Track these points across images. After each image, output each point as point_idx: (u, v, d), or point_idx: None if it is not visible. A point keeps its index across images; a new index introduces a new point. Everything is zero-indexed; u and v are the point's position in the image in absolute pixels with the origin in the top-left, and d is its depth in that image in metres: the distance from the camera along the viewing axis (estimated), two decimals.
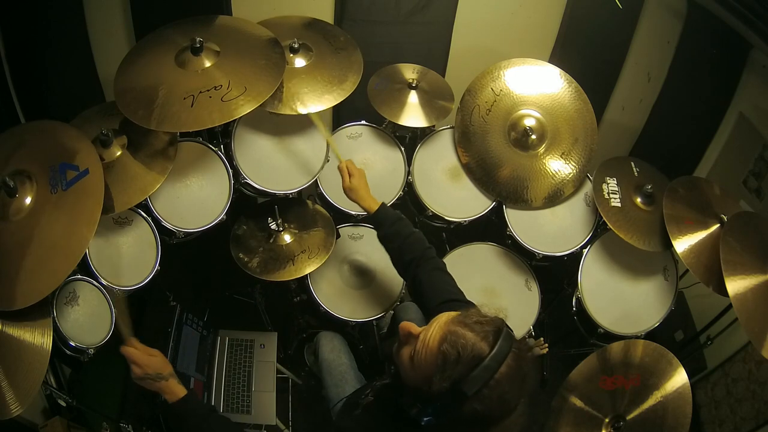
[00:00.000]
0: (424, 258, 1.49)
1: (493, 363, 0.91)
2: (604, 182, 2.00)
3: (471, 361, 0.91)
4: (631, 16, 2.29)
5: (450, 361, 0.92)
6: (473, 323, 0.96)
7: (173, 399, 1.32)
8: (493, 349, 0.92)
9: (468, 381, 0.90)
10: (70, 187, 1.46)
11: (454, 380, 0.91)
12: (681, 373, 1.67)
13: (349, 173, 1.68)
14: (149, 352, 1.34)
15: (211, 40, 1.75)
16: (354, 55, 2.00)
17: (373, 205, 1.64)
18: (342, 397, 1.69)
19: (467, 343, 0.93)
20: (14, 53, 1.98)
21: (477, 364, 0.91)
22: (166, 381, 1.32)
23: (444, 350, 0.93)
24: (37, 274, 1.38)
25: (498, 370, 0.91)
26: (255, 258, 1.94)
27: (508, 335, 0.95)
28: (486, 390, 0.90)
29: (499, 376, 0.91)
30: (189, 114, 1.61)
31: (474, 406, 0.91)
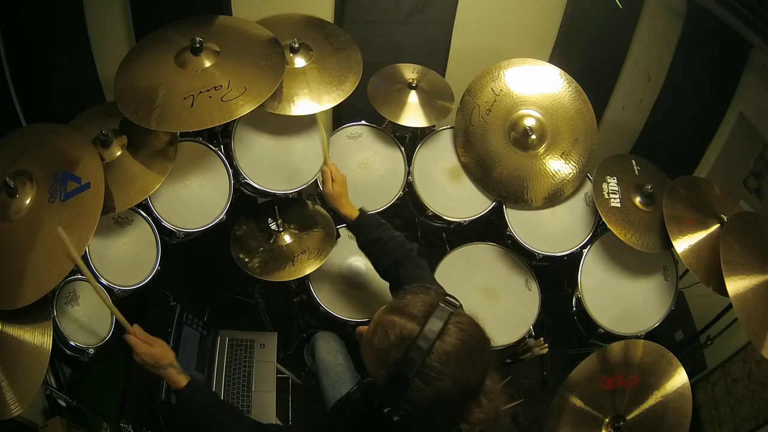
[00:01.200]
0: (406, 258, 1.50)
1: (424, 342, 0.89)
2: (605, 181, 2.00)
3: (401, 344, 0.91)
4: (631, 16, 2.29)
5: (383, 349, 0.93)
6: (403, 307, 0.95)
7: (175, 387, 1.35)
8: (423, 327, 0.90)
9: (404, 364, 0.89)
10: (68, 199, 1.46)
11: (393, 367, 0.91)
12: (681, 373, 1.67)
13: (333, 178, 1.66)
14: (149, 341, 1.37)
15: (211, 40, 1.75)
16: (354, 55, 2.00)
17: (354, 213, 1.63)
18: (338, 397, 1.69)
19: (395, 327, 0.92)
20: (14, 53, 1.98)
21: (409, 345, 0.90)
22: (164, 370, 1.35)
23: (376, 341, 0.94)
24: (29, 278, 1.38)
25: (433, 348, 0.89)
26: (255, 258, 1.94)
27: (442, 310, 0.93)
28: (426, 369, 0.89)
29: (437, 353, 0.89)
30: (189, 114, 1.61)
31: (422, 388, 0.89)
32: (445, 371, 0.89)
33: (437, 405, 0.92)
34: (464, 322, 0.95)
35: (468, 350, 0.92)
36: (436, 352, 0.89)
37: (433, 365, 0.89)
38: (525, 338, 2.08)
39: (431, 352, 0.89)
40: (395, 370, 0.90)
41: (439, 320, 0.91)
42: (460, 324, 0.93)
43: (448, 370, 0.89)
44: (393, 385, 0.91)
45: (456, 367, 0.90)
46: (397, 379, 0.90)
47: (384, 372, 0.93)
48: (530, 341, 2.09)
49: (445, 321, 0.92)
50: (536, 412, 2.39)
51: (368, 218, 1.62)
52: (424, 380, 0.89)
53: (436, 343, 0.89)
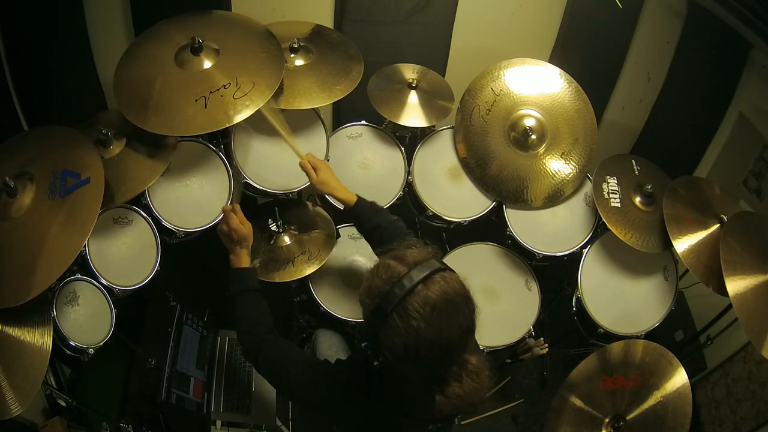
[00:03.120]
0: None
1: (408, 281, 0.96)
2: (605, 181, 2.00)
3: (388, 281, 0.98)
4: (631, 16, 2.29)
5: (373, 284, 1.01)
6: (401, 254, 1.04)
7: (235, 265, 1.50)
8: (410, 270, 0.98)
9: (386, 298, 0.97)
10: (68, 195, 1.47)
11: (377, 298, 0.99)
12: (681, 373, 1.67)
13: (314, 167, 1.64)
14: (242, 221, 1.51)
15: (208, 38, 1.75)
16: (351, 49, 2.02)
17: (350, 196, 1.63)
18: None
19: (389, 268, 1.01)
20: (14, 54, 1.98)
21: (394, 282, 0.97)
22: (240, 248, 1.49)
23: (371, 277, 1.03)
24: (26, 276, 1.38)
25: (415, 289, 0.95)
26: (256, 259, 1.94)
27: (432, 263, 1.00)
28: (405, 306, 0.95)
29: (418, 296, 0.95)
30: (206, 115, 1.62)
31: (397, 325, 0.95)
32: (421, 312, 0.95)
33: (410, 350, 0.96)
34: (452, 278, 1.01)
35: (448, 303, 0.97)
36: (418, 294, 0.95)
37: (412, 304, 0.95)
38: (525, 338, 2.08)
39: (412, 293, 0.95)
40: (378, 301, 0.98)
41: (427, 269, 0.98)
42: (447, 278, 0.99)
43: (425, 313, 0.95)
44: (374, 316, 0.99)
45: (432, 313, 0.95)
46: (378, 309, 0.98)
47: (369, 302, 1.01)
48: (530, 341, 2.09)
49: (432, 271, 0.99)
50: (536, 412, 2.39)
51: (365, 206, 1.63)
52: (400, 316, 0.95)
53: (418, 286, 0.96)
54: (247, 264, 1.50)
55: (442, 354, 0.98)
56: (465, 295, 1.01)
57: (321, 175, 1.63)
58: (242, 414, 1.96)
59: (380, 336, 0.98)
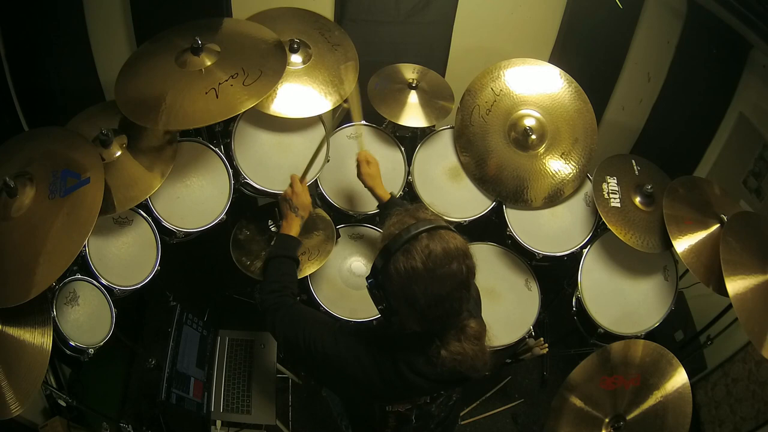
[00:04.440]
0: None
1: (414, 228, 1.09)
2: (605, 181, 2.00)
3: (398, 226, 1.13)
4: (631, 16, 2.29)
5: (386, 231, 1.16)
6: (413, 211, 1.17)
7: (283, 230, 1.59)
8: (419, 222, 1.11)
9: (394, 240, 1.10)
10: (68, 195, 1.47)
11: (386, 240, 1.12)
12: (681, 373, 1.67)
13: (367, 161, 1.82)
14: (307, 195, 1.65)
15: (209, 41, 1.77)
16: (350, 51, 2.02)
17: (386, 194, 1.80)
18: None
19: (401, 219, 1.15)
20: (14, 53, 1.98)
21: (403, 228, 1.11)
22: (294, 215, 1.60)
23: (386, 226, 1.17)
24: (26, 276, 1.38)
25: (419, 235, 1.07)
26: (256, 261, 1.94)
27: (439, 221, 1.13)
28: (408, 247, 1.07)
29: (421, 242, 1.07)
30: (219, 104, 1.65)
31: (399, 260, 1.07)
32: (420, 255, 1.06)
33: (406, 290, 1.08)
34: (455, 237, 1.11)
35: (445, 252, 1.07)
36: (420, 240, 1.07)
37: (414, 246, 1.07)
38: (525, 338, 2.08)
39: (417, 239, 1.08)
40: (387, 242, 1.11)
41: (433, 223, 1.11)
42: (450, 234, 1.11)
43: (423, 256, 1.06)
44: (381, 255, 1.11)
45: (429, 257, 1.06)
46: (385, 249, 1.10)
47: (380, 244, 1.14)
48: (530, 341, 2.09)
49: (438, 226, 1.10)
50: (536, 412, 2.40)
51: (398, 202, 1.80)
52: (403, 256, 1.07)
53: (423, 233, 1.08)
54: (295, 233, 1.59)
55: (435, 299, 1.08)
56: (464, 252, 1.11)
57: (372, 168, 1.82)
58: (242, 414, 1.96)
59: (383, 276, 1.11)
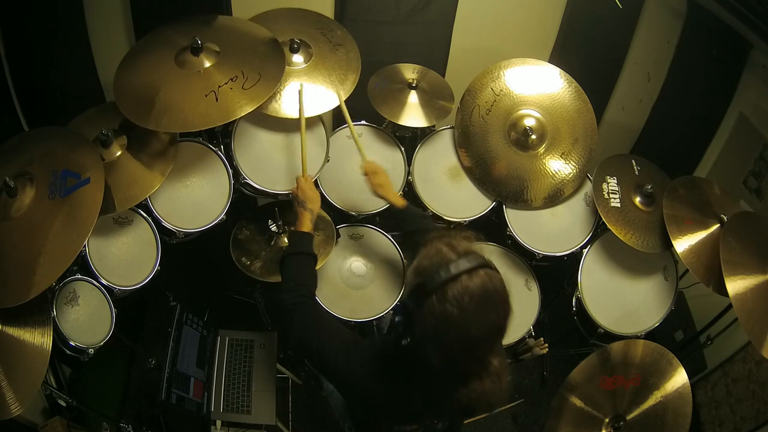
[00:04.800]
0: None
1: (454, 267, 0.99)
2: (605, 181, 2.00)
3: (436, 263, 1.02)
4: (631, 16, 2.29)
5: (423, 264, 1.05)
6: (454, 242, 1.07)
7: (296, 228, 1.57)
8: (459, 259, 1.00)
9: (431, 278, 1.00)
10: (68, 195, 1.47)
11: (422, 276, 1.02)
12: (681, 373, 1.67)
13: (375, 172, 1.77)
14: (312, 189, 1.65)
15: (208, 40, 1.76)
16: (352, 52, 2.02)
17: (400, 201, 1.74)
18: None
19: (440, 252, 1.04)
20: (14, 53, 1.98)
21: (441, 266, 1.00)
22: (306, 211, 1.58)
23: (422, 256, 1.07)
24: (26, 276, 1.39)
25: (459, 277, 0.98)
26: (257, 261, 1.94)
27: (480, 256, 1.03)
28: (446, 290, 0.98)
29: (460, 283, 0.98)
30: (219, 108, 1.64)
31: (434, 306, 0.98)
32: (458, 300, 0.97)
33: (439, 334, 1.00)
34: (495, 277, 1.03)
35: (485, 298, 0.99)
36: (460, 282, 0.98)
37: (452, 290, 0.98)
38: (525, 338, 2.08)
39: (455, 280, 0.98)
40: (423, 279, 1.01)
41: (474, 261, 1.01)
42: (491, 275, 1.02)
43: (462, 302, 0.97)
44: (414, 294, 1.03)
45: (468, 304, 0.97)
46: (419, 288, 1.01)
47: (413, 280, 1.05)
48: (530, 341, 2.09)
49: (479, 265, 1.01)
50: (536, 412, 2.39)
51: (414, 210, 1.76)
52: (438, 299, 0.98)
53: (463, 275, 0.98)
54: (307, 229, 1.56)
55: (468, 346, 1.01)
56: (504, 297, 1.03)
57: (382, 178, 1.76)
58: (242, 414, 1.96)
59: (415, 315, 1.02)
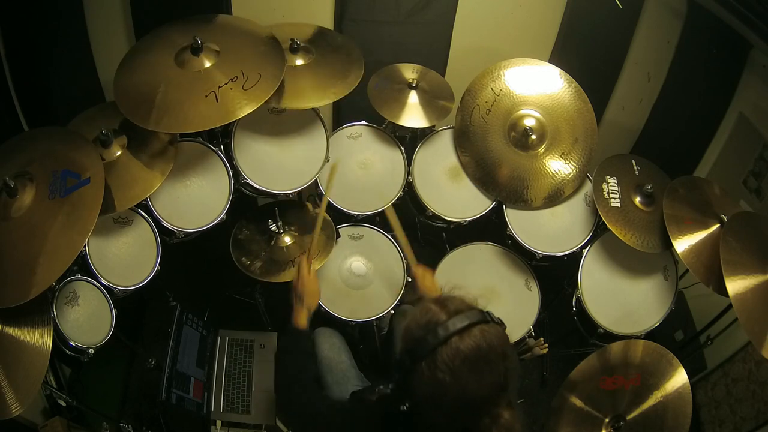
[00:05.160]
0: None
1: (443, 330, 0.93)
2: (605, 181, 1.99)
3: (425, 326, 0.96)
4: (631, 16, 2.29)
5: (411, 327, 1.00)
6: (445, 300, 1.01)
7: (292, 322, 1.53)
8: (449, 319, 0.95)
9: (420, 344, 0.94)
10: (68, 195, 1.47)
11: (411, 343, 0.97)
12: (681, 373, 1.67)
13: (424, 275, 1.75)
14: (312, 280, 1.60)
15: (209, 40, 1.76)
16: (354, 52, 2.02)
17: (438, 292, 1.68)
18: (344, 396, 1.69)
19: (429, 312, 0.98)
20: (14, 53, 1.98)
21: (429, 329, 0.95)
22: (300, 306, 1.54)
23: (411, 318, 1.01)
24: (26, 276, 1.38)
25: (450, 340, 0.92)
26: (257, 261, 1.94)
27: (474, 314, 0.97)
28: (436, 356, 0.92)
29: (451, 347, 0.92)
30: (219, 108, 1.64)
31: (424, 373, 0.93)
32: (449, 365, 0.92)
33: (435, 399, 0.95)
34: (491, 332, 0.96)
35: (479, 359, 0.93)
36: (450, 345, 0.92)
37: (442, 355, 0.92)
38: (525, 338, 2.08)
39: (446, 344, 0.92)
40: (411, 346, 0.97)
41: (466, 319, 0.95)
42: (485, 332, 0.95)
43: (453, 366, 0.92)
44: (405, 359, 0.97)
45: (461, 368, 0.92)
46: (409, 354, 0.96)
47: (403, 345, 1.00)
48: (530, 341, 2.09)
49: (471, 323, 0.95)
50: (536, 412, 2.39)
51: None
52: (429, 365, 0.93)
53: (453, 337, 0.93)
54: (303, 325, 1.52)
55: (467, 408, 0.96)
56: (502, 351, 0.96)
57: (428, 281, 1.74)
58: (242, 414, 1.96)
59: (407, 381, 0.97)
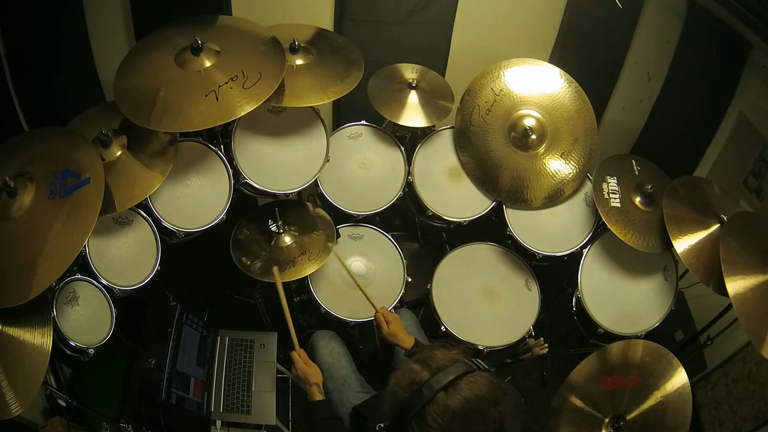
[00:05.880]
0: None
1: (427, 389, 0.92)
2: (605, 181, 1.99)
3: (409, 387, 0.95)
4: (631, 16, 2.29)
5: (396, 390, 0.98)
6: (427, 358, 1.00)
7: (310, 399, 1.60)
8: (432, 376, 0.94)
9: (406, 406, 0.93)
10: (68, 195, 1.47)
11: (397, 406, 0.96)
12: (681, 373, 1.67)
13: (386, 320, 1.74)
14: (308, 363, 1.64)
15: (209, 40, 1.76)
16: (354, 53, 2.01)
17: (409, 342, 1.71)
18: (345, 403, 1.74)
19: (413, 373, 0.97)
20: (14, 53, 1.98)
21: (414, 390, 0.94)
22: (309, 386, 1.60)
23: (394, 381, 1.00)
24: (26, 276, 1.38)
25: (436, 398, 0.91)
26: (257, 261, 1.94)
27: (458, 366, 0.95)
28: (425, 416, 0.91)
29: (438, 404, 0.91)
30: (219, 107, 1.64)
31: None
32: (439, 422, 0.91)
33: None
34: (478, 382, 0.94)
35: (469, 411, 0.92)
36: (437, 403, 0.91)
37: (431, 414, 0.91)
38: (525, 338, 2.08)
39: (433, 402, 0.91)
40: (398, 409, 0.95)
41: (450, 374, 0.94)
42: (472, 383, 0.94)
43: (443, 423, 0.91)
44: (394, 423, 0.96)
45: (452, 423, 0.91)
46: (397, 417, 0.95)
47: (389, 409, 0.98)
48: (530, 341, 2.09)
49: (456, 376, 0.94)
50: (536, 412, 2.39)
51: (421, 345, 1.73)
52: (419, 425, 0.92)
53: (439, 394, 0.92)
54: (319, 398, 1.60)
55: None
56: (492, 399, 0.95)
57: (392, 327, 1.73)
58: (242, 414, 1.96)
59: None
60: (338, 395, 1.76)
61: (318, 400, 1.59)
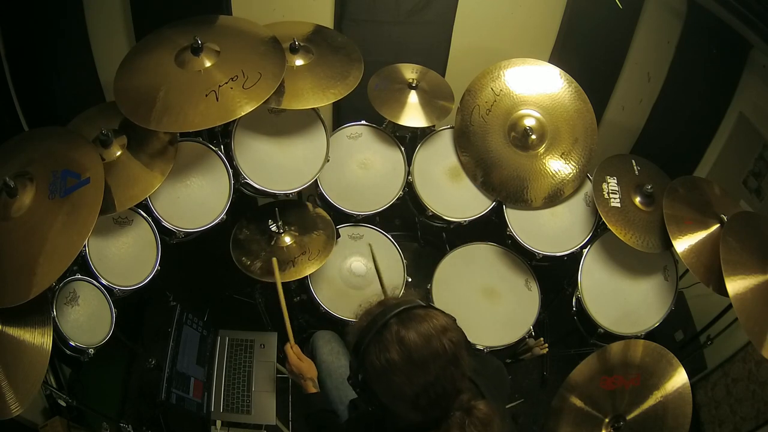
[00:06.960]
0: None
1: (381, 317, 1.02)
2: (605, 181, 2.00)
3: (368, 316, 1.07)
4: (631, 16, 2.29)
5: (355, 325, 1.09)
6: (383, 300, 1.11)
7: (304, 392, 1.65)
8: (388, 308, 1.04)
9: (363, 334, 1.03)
10: (67, 195, 1.47)
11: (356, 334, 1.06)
12: (681, 373, 1.67)
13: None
14: (301, 358, 1.68)
15: (209, 40, 1.77)
16: (354, 53, 2.01)
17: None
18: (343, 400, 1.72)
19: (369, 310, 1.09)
20: (14, 53, 1.98)
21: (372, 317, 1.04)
22: (304, 381, 1.65)
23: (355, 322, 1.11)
24: (26, 276, 1.38)
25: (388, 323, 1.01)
26: (257, 261, 1.94)
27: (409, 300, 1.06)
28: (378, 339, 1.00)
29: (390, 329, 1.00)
30: (219, 107, 1.64)
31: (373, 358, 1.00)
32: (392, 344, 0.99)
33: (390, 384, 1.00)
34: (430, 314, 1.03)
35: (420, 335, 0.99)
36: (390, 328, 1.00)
37: (385, 336, 1.00)
38: (525, 338, 2.08)
39: (386, 327, 1.01)
40: (358, 337, 1.05)
41: (403, 305, 1.04)
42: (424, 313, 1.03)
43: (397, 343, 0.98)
44: (354, 354, 1.06)
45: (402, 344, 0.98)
46: (356, 346, 1.04)
47: (352, 340, 1.08)
48: (530, 341, 2.09)
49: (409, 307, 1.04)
50: (536, 412, 2.39)
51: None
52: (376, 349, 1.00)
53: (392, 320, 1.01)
54: (313, 391, 1.65)
55: (423, 388, 0.98)
56: (442, 326, 1.02)
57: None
58: (242, 414, 1.96)
59: (362, 373, 1.04)
60: (337, 393, 1.76)
61: (312, 392, 1.63)
